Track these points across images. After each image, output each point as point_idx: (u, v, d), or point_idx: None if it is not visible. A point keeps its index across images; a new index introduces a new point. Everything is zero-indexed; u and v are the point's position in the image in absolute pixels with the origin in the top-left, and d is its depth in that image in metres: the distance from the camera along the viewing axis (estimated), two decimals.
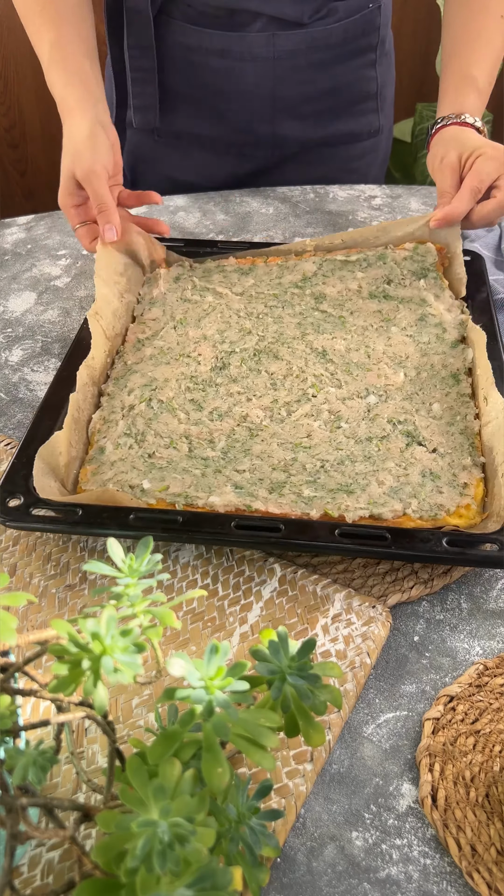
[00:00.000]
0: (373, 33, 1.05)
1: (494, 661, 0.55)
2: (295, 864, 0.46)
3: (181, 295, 0.85)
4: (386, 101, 1.14)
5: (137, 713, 0.52)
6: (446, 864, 0.46)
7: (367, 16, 1.03)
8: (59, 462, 0.65)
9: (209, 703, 0.37)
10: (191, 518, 0.59)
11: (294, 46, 1.01)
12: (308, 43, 1.01)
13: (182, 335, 0.80)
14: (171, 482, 0.63)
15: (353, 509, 0.60)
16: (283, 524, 0.58)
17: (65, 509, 0.60)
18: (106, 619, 0.36)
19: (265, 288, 0.85)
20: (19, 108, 1.95)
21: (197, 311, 0.83)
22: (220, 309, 0.83)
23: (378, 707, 0.54)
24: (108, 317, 0.79)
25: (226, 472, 0.65)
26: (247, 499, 0.61)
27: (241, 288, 0.85)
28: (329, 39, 1.02)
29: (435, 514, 0.60)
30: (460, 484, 0.63)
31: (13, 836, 0.35)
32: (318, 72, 1.04)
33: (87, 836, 0.46)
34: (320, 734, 0.41)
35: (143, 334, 0.81)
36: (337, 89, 1.07)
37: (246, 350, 0.77)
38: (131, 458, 0.67)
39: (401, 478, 0.63)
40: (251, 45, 1.00)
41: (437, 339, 0.77)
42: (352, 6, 1.01)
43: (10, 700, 0.37)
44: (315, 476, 0.64)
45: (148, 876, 0.32)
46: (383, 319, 0.80)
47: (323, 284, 0.85)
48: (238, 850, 0.39)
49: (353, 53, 1.05)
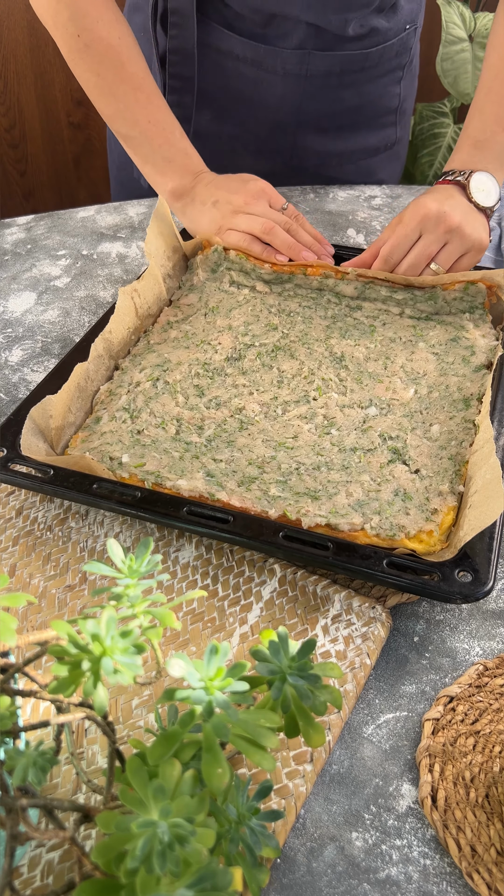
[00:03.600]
0: (405, 54, 1.05)
1: (494, 662, 0.55)
2: (295, 865, 0.46)
3: (219, 286, 0.86)
4: (405, 113, 1.14)
5: (137, 714, 0.52)
6: (446, 865, 0.46)
7: (403, 38, 1.02)
8: (50, 425, 0.67)
9: (209, 703, 0.37)
10: (147, 496, 0.60)
11: (328, 67, 1.00)
12: (343, 65, 1.00)
13: (210, 322, 0.81)
14: (149, 460, 0.65)
15: (311, 515, 0.60)
16: (232, 517, 0.58)
17: (40, 468, 0.62)
18: (106, 620, 0.36)
19: (303, 291, 0.86)
20: (19, 108, 1.95)
21: (230, 302, 0.84)
22: (253, 303, 0.83)
23: (378, 707, 0.54)
24: (148, 297, 0.82)
25: (203, 459, 0.66)
26: (213, 488, 0.62)
27: (281, 287, 0.86)
28: (365, 63, 1.01)
29: (393, 535, 0.59)
30: (430, 509, 0.61)
31: (13, 836, 0.35)
32: (347, 90, 1.03)
33: (86, 836, 0.46)
34: (320, 735, 0.41)
35: (175, 318, 0.83)
36: (362, 106, 1.07)
37: (265, 345, 0.78)
38: (121, 431, 0.69)
39: (371, 493, 0.62)
40: (285, 60, 0.98)
41: (463, 360, 0.76)
42: (392, 29, 1.00)
43: (10, 701, 0.37)
44: (286, 477, 0.64)
45: (148, 876, 0.32)
46: (414, 334, 0.79)
47: (363, 299, 0.84)
48: (238, 850, 0.39)
49: (384, 73, 1.04)
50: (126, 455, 0.66)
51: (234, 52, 0.98)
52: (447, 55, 1.24)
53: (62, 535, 0.64)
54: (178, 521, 0.59)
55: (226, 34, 0.97)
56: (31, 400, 0.68)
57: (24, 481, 0.63)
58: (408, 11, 1.01)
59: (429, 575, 0.55)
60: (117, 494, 0.61)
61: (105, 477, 0.63)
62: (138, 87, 0.86)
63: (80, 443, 0.68)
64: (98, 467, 0.63)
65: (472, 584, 0.54)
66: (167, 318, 0.83)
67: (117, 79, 0.85)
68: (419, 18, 1.05)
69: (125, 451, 0.66)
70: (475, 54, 1.24)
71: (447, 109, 1.29)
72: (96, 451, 0.66)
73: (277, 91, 1.01)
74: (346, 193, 1.11)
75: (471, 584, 0.54)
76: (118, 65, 0.85)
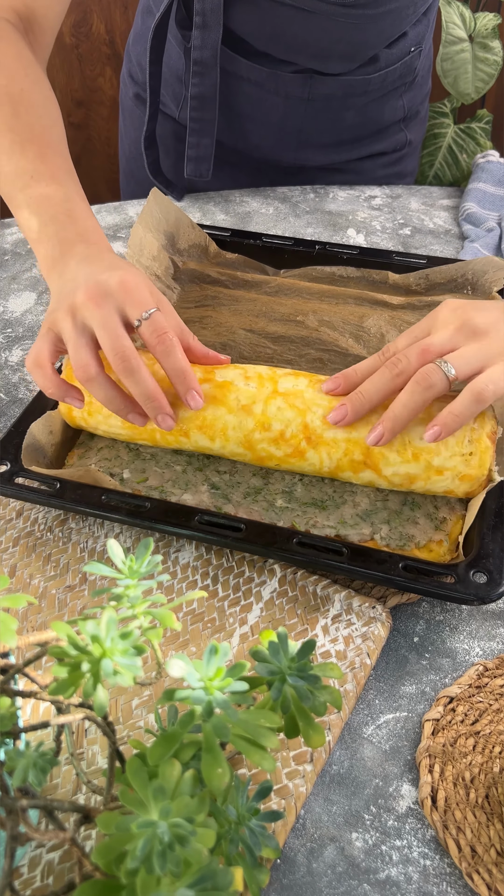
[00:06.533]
0: (409, 74, 1.04)
1: (494, 662, 0.55)
2: (295, 866, 0.46)
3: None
4: (415, 118, 1.13)
5: (137, 714, 0.52)
6: (446, 866, 0.46)
7: (407, 61, 1.02)
8: (50, 441, 0.67)
9: (209, 703, 0.37)
10: (158, 506, 0.60)
11: (330, 91, 0.99)
12: (345, 89, 1.00)
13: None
14: (151, 475, 0.65)
15: (320, 526, 0.60)
16: (244, 524, 0.58)
17: (46, 482, 0.62)
18: (106, 622, 0.36)
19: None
20: None
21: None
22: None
23: (378, 708, 0.54)
24: None
25: (206, 472, 0.65)
26: (220, 501, 0.62)
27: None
28: (367, 87, 1.00)
29: (403, 545, 0.59)
30: (439, 518, 0.61)
31: (13, 837, 0.35)
32: (349, 111, 1.03)
33: (87, 837, 0.46)
34: (320, 735, 0.41)
35: None
36: (365, 122, 1.07)
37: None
38: (117, 447, 0.68)
39: (378, 502, 0.62)
40: (287, 84, 0.98)
41: None
42: (394, 55, 1.00)
43: (10, 702, 0.37)
44: (291, 487, 0.64)
45: (148, 877, 0.32)
46: None
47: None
48: (238, 851, 0.39)
49: (386, 92, 1.04)
50: (127, 471, 0.65)
51: (237, 72, 0.98)
52: (447, 55, 1.24)
53: (62, 535, 0.64)
54: (190, 531, 0.59)
55: (230, 55, 0.97)
56: (30, 411, 0.67)
57: (30, 495, 0.62)
58: (413, 36, 1.00)
59: (444, 577, 0.55)
60: (128, 507, 0.60)
61: (112, 488, 0.62)
62: (28, 140, 0.73)
63: (76, 459, 0.68)
64: (104, 479, 0.62)
65: (488, 585, 0.54)
66: None
67: (5, 127, 0.74)
68: (426, 39, 1.04)
69: (125, 467, 0.65)
70: (475, 54, 1.24)
71: (447, 109, 1.29)
72: (94, 467, 0.65)
73: (279, 111, 1.02)
74: (346, 193, 1.11)
75: (486, 585, 0.54)
76: (11, 114, 0.74)
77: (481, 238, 0.99)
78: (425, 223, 1.05)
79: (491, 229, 1.01)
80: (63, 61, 1.87)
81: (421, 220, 1.05)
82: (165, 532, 0.60)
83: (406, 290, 0.85)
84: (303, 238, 0.94)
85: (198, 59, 0.94)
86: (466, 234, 1.01)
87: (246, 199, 1.10)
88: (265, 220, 1.05)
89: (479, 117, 1.27)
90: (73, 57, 1.87)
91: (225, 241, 0.92)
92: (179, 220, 0.89)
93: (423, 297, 0.84)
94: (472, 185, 1.09)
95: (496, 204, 1.05)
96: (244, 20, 0.92)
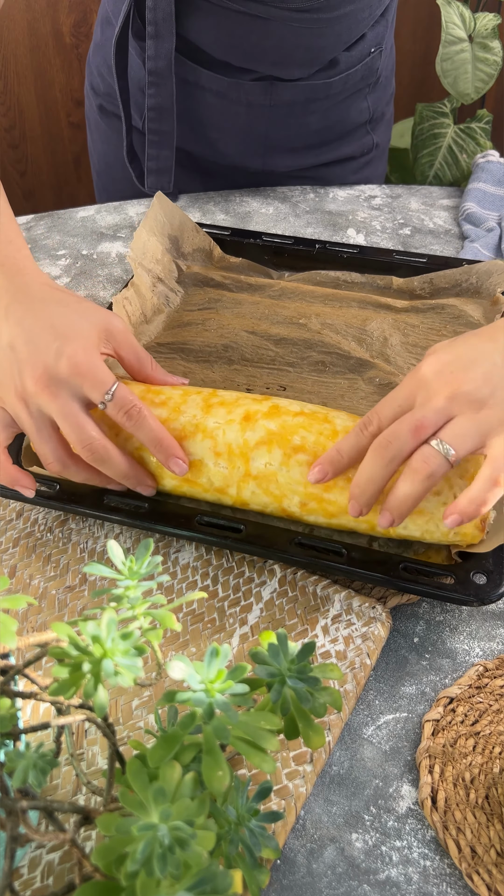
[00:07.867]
0: (371, 76, 1.05)
1: (494, 663, 0.55)
2: (295, 866, 0.46)
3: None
4: (380, 121, 1.14)
5: (137, 714, 0.52)
6: (446, 866, 0.46)
7: (368, 63, 1.02)
8: None
9: (209, 705, 0.37)
10: (156, 508, 0.60)
11: (291, 97, 1.00)
12: (306, 94, 1.00)
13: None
14: None
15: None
16: (244, 525, 0.58)
17: (46, 483, 0.62)
18: (106, 622, 0.36)
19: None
20: (19, 108, 1.95)
21: None
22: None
23: (378, 708, 0.54)
24: (136, 309, 0.79)
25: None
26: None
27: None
28: (329, 91, 1.01)
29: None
30: None
31: (13, 838, 0.35)
32: (313, 115, 1.04)
33: (87, 838, 0.46)
34: (320, 736, 0.41)
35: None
36: (330, 126, 1.07)
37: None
38: None
39: None
40: (248, 92, 0.98)
41: None
42: (354, 57, 1.00)
43: (10, 703, 0.37)
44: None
45: (148, 879, 0.32)
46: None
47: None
48: (238, 851, 0.39)
49: (349, 95, 1.04)
50: None
51: (199, 82, 0.98)
52: (447, 55, 1.24)
53: (62, 536, 0.64)
54: (189, 532, 0.59)
55: (189, 65, 0.97)
56: None
57: (31, 498, 0.61)
58: (372, 38, 1.01)
59: (444, 578, 0.55)
60: (127, 508, 0.61)
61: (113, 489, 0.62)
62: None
63: None
64: None
65: (487, 585, 0.54)
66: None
67: None
68: (386, 39, 1.05)
69: None
70: (475, 54, 1.24)
71: (447, 110, 1.29)
72: None
73: (242, 119, 1.02)
74: (346, 193, 1.11)
75: (486, 585, 0.54)
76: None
77: (481, 238, 0.99)
78: (425, 223, 1.05)
79: (491, 229, 1.01)
80: (63, 61, 1.87)
81: (421, 220, 1.05)
82: (165, 533, 0.60)
83: (410, 294, 0.85)
84: (303, 237, 0.94)
85: (152, 69, 0.94)
86: (466, 233, 1.01)
87: (246, 198, 1.10)
88: (265, 219, 1.05)
89: (479, 117, 1.27)
90: (72, 57, 1.87)
91: (225, 241, 0.92)
92: (184, 224, 0.89)
93: (427, 300, 0.84)
94: (472, 185, 1.09)
95: (496, 204, 1.05)
96: (200, 29, 0.92)
